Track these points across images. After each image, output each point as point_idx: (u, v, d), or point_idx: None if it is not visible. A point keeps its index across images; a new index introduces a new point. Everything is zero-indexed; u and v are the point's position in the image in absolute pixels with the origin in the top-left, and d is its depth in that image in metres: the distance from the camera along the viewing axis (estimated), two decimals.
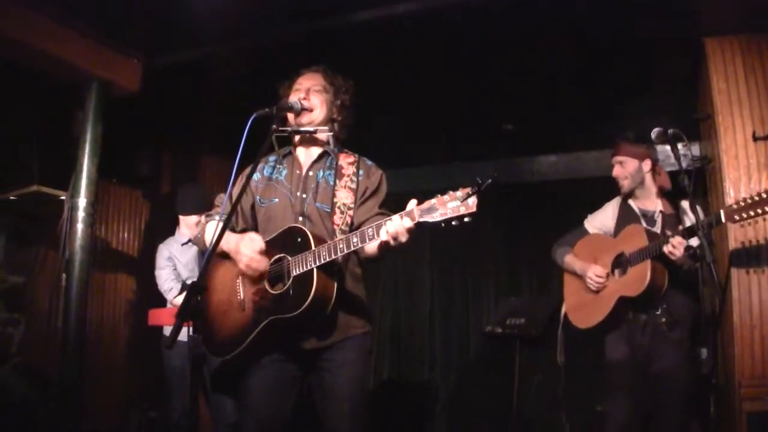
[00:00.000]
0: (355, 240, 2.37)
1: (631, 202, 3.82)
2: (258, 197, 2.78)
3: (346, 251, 2.39)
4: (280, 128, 2.68)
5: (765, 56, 4.03)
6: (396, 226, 2.26)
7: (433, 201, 2.20)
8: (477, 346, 6.62)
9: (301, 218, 2.66)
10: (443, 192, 2.19)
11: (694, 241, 3.24)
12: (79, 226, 4.15)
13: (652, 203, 3.77)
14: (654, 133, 3.12)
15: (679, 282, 3.47)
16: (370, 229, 2.35)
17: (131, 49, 4.41)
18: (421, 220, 2.21)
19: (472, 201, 2.12)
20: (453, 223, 2.16)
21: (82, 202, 4.18)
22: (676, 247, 3.26)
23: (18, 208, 4.73)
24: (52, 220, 4.38)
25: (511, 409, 5.49)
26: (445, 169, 6.94)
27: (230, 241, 2.60)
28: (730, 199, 3.90)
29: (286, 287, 2.50)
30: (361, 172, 2.78)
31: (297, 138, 2.83)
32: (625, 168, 3.76)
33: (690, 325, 3.51)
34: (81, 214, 4.16)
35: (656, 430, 3.50)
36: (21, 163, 4.54)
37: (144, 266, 5.52)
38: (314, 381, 2.66)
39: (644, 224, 3.67)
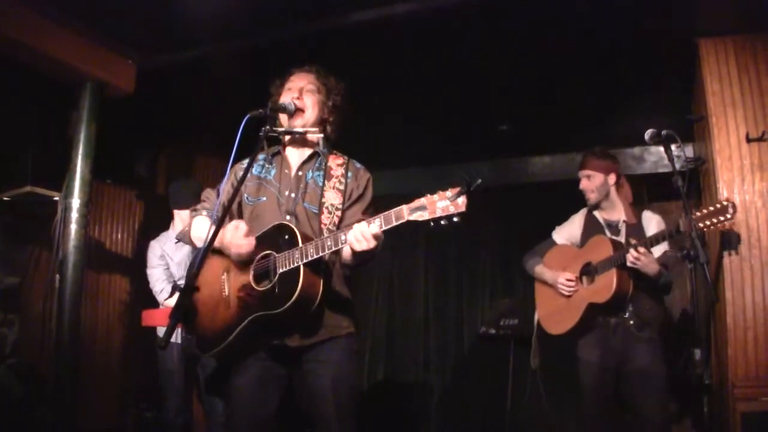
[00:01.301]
0: (343, 237, 2.37)
1: (596, 213, 3.94)
2: (246, 195, 2.77)
3: (333, 248, 2.39)
4: (272, 129, 2.65)
5: (759, 57, 4.04)
6: (355, 232, 2.30)
7: (423, 200, 2.19)
8: (471, 347, 6.63)
9: (288, 217, 2.65)
10: (433, 192, 2.19)
11: (657, 251, 3.53)
12: (73, 227, 4.15)
13: (616, 214, 3.87)
14: (648, 134, 3.14)
15: (645, 287, 3.60)
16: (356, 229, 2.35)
17: (127, 49, 4.41)
18: (411, 218, 2.21)
19: (462, 200, 2.12)
20: (442, 222, 2.15)
21: (75, 202, 4.17)
22: (638, 257, 3.42)
23: (12, 209, 4.72)
24: (45, 221, 4.38)
25: (506, 410, 5.50)
26: (440, 170, 6.94)
27: (222, 239, 2.58)
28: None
29: (272, 284, 2.49)
30: (349, 174, 2.78)
31: (287, 138, 2.82)
32: (591, 181, 3.86)
33: (658, 326, 3.64)
34: (74, 214, 4.16)
35: (639, 426, 3.56)
36: (15, 164, 4.53)
37: (138, 267, 5.49)
38: (298, 381, 2.65)
39: (609, 234, 3.80)
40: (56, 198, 4.31)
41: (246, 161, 2.75)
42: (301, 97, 2.75)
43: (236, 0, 3.83)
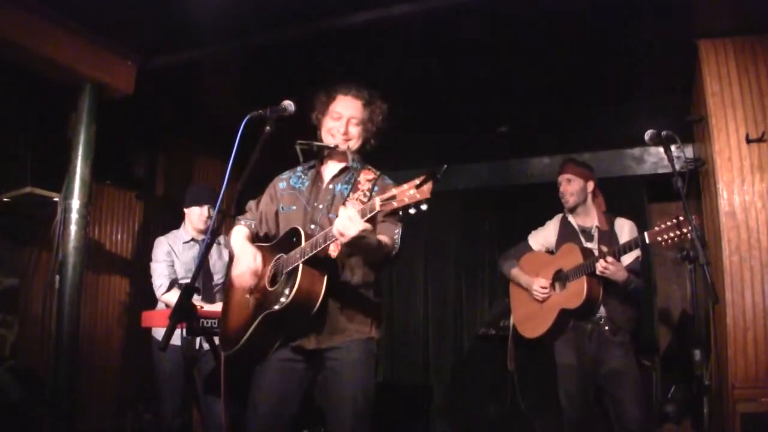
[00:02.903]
0: (331, 234, 2.41)
1: (571, 219, 4.06)
2: (281, 205, 2.90)
3: (324, 244, 2.45)
4: (301, 141, 2.78)
5: (758, 58, 4.04)
6: (342, 221, 2.32)
7: (393, 190, 2.22)
8: (471, 347, 6.63)
9: (313, 226, 2.73)
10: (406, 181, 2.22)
11: (626, 260, 3.67)
12: (73, 228, 4.15)
13: (590, 220, 4.01)
14: (647, 134, 3.14)
15: (616, 292, 3.72)
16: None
17: (126, 50, 4.41)
18: (381, 209, 2.26)
19: (427, 187, 2.14)
20: (411, 211, 2.17)
21: (75, 203, 4.17)
22: (606, 266, 3.56)
23: (11, 210, 4.71)
24: (45, 222, 4.37)
25: (505, 410, 5.50)
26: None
27: (240, 249, 2.75)
28: (723, 201, 3.92)
29: (279, 284, 2.59)
30: (376, 188, 2.84)
31: (325, 152, 2.91)
32: (571, 185, 4.01)
33: (631, 330, 3.79)
34: (74, 215, 4.16)
35: (618, 422, 3.67)
36: (14, 164, 4.53)
37: (138, 268, 5.51)
38: (320, 381, 2.72)
39: (583, 239, 3.94)
40: (56, 199, 4.31)
41: (285, 174, 2.97)
42: (347, 129, 2.83)
43: (236, 1, 3.83)
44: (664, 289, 6.46)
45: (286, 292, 2.49)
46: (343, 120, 2.83)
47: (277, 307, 2.50)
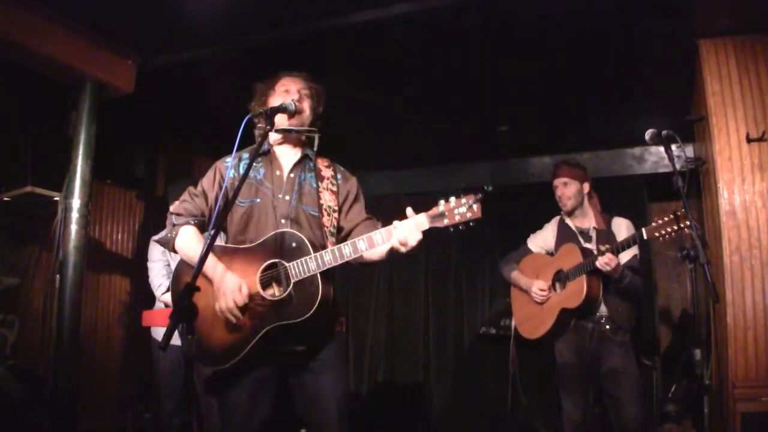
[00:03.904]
0: (362, 245, 2.41)
1: (568, 221, 4.09)
2: (239, 198, 2.65)
3: (354, 256, 2.43)
4: (273, 128, 2.64)
5: (759, 58, 4.04)
6: (406, 232, 2.35)
7: (441, 208, 2.31)
8: (471, 347, 6.63)
9: (283, 221, 2.64)
10: (446, 196, 2.32)
11: (624, 257, 3.70)
12: (73, 227, 4.14)
13: (588, 221, 4.04)
14: (648, 134, 3.15)
15: (614, 289, 3.76)
16: (379, 235, 2.41)
17: (126, 50, 4.40)
18: (431, 226, 2.32)
19: (477, 207, 2.28)
20: (460, 227, 2.29)
21: (75, 203, 4.16)
22: (608, 263, 3.56)
23: (12, 209, 4.71)
24: (46, 221, 4.37)
25: (506, 410, 5.50)
26: (440, 171, 6.95)
27: (216, 271, 2.54)
28: (724, 201, 3.91)
29: (286, 292, 2.47)
30: (339, 175, 2.83)
31: (276, 139, 2.81)
32: (568, 188, 4.03)
33: (631, 328, 3.82)
34: (75, 215, 4.15)
35: (617, 422, 3.70)
36: (15, 164, 4.53)
37: (138, 267, 5.50)
38: (295, 384, 2.63)
39: (581, 240, 3.97)
40: (56, 198, 4.31)
41: (229, 159, 2.71)
42: (301, 99, 2.76)
43: (235, 1, 3.83)
44: (664, 289, 6.47)
45: (309, 302, 2.42)
46: (292, 93, 2.77)
47: (298, 318, 2.43)
